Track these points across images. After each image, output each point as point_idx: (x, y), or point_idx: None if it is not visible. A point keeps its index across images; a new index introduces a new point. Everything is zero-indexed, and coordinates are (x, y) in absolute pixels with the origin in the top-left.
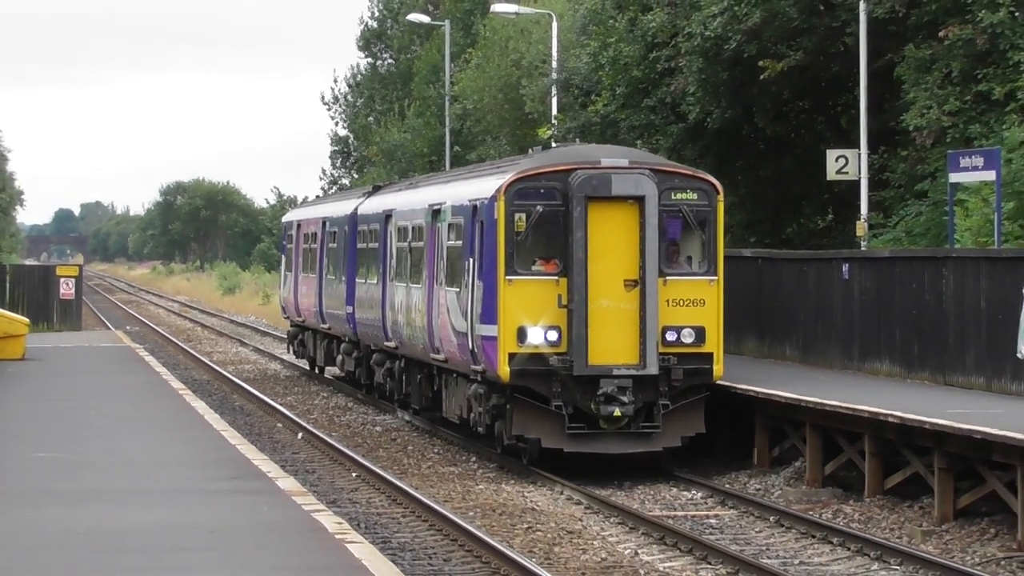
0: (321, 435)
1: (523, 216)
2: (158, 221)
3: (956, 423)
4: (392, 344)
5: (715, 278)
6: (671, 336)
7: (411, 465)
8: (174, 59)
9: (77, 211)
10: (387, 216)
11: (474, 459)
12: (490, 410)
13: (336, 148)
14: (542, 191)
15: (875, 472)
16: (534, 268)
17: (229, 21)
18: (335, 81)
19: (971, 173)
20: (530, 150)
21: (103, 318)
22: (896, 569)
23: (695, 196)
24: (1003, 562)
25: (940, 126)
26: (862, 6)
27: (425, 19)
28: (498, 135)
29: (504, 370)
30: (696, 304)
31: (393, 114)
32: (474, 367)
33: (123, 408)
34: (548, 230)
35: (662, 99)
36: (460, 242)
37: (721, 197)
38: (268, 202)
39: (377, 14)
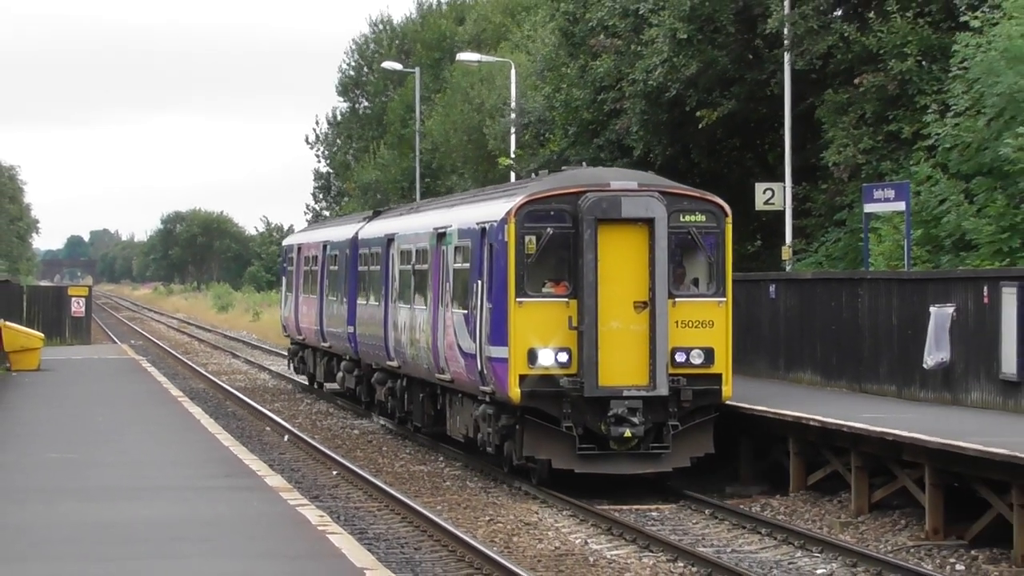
0: (305, 437)
1: (533, 238)
2: (159, 246)
3: (871, 426)
4: (395, 363)
5: (724, 299)
6: (680, 357)
7: (385, 464)
8: (174, 102)
9: (87, 237)
10: (389, 240)
11: (442, 459)
12: (499, 431)
13: (318, 184)
14: (552, 213)
15: (799, 470)
16: (544, 290)
17: (223, 69)
18: (316, 123)
19: (883, 204)
20: (533, 174)
21: (110, 333)
22: (817, 556)
23: (703, 218)
24: (912, 550)
25: (855, 162)
26: (786, 57)
27: (398, 66)
28: (463, 171)
29: (515, 391)
30: (705, 325)
31: (369, 153)
32: (483, 388)
33: (128, 414)
34: (558, 252)
35: (609, 138)
36: (467, 264)
37: (729, 219)
38: (257, 230)
39: (354, 63)
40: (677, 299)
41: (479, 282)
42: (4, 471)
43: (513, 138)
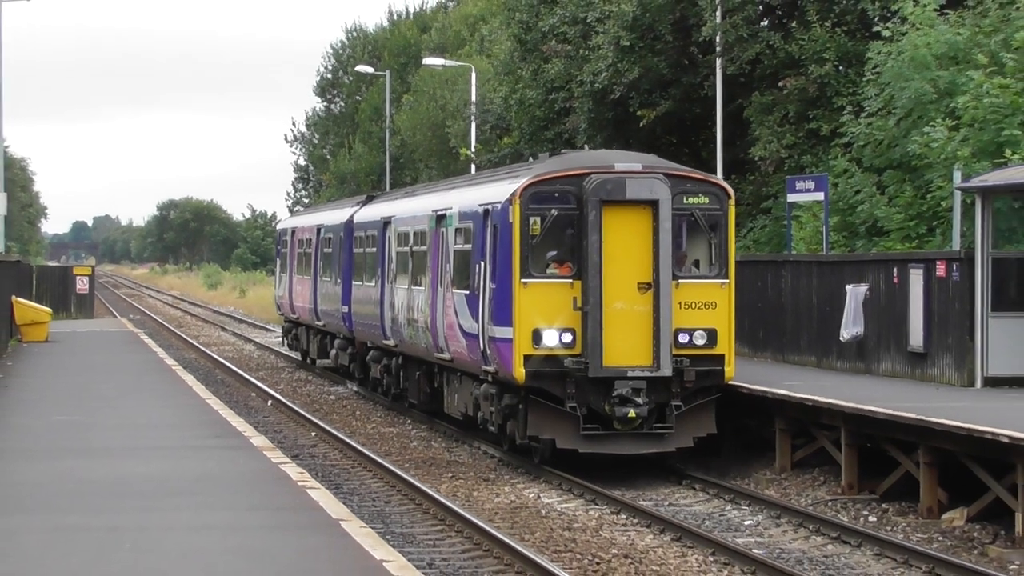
0: (286, 402)
1: (538, 220)
2: (155, 231)
3: (793, 393)
4: (391, 342)
5: (726, 281)
6: (683, 338)
7: (358, 427)
8: (169, 100)
9: (90, 223)
10: (385, 223)
11: (408, 422)
12: (502, 410)
13: (297, 175)
14: (556, 195)
15: (730, 433)
16: (548, 271)
17: (215, 71)
18: (293, 124)
19: (805, 194)
20: (531, 157)
21: (111, 308)
22: (745, 509)
23: (707, 200)
24: (829, 503)
25: (779, 157)
26: (718, 63)
27: (370, 70)
28: (428, 163)
29: (519, 372)
30: (708, 307)
31: (344, 148)
32: (485, 368)
33: (127, 381)
34: (562, 234)
35: (559, 134)
36: (469, 246)
37: (732, 201)
38: (244, 216)
39: (331, 66)
40: (680, 280)
41: (481, 263)
42: (16, 432)
43: (474, 133)
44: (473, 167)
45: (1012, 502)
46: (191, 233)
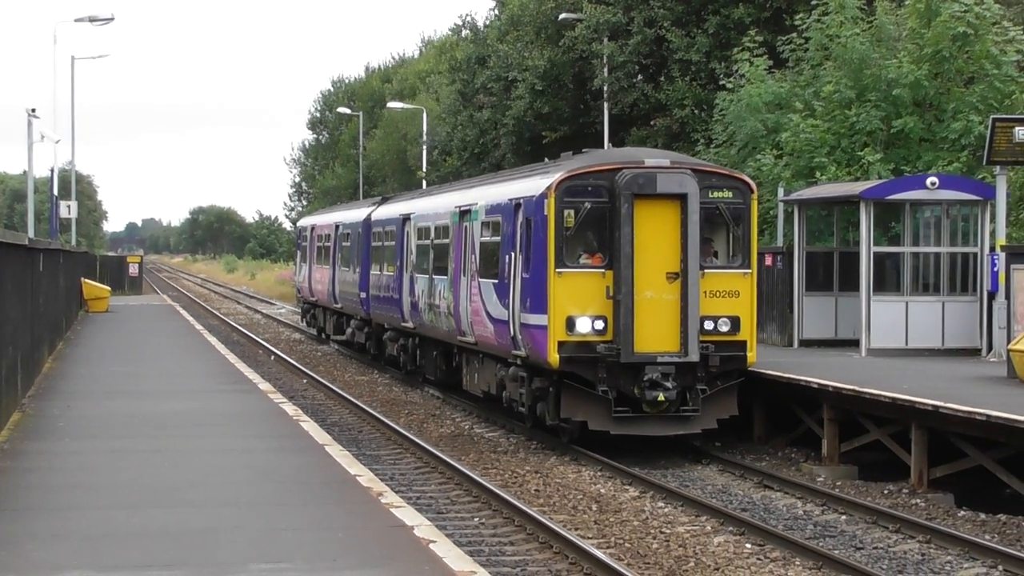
0: (285, 357)
1: (572, 212)
2: (188, 229)
3: None
4: (409, 325)
5: (749, 271)
6: (709, 325)
7: (339, 376)
8: (199, 129)
9: (140, 223)
10: (404, 219)
11: (376, 372)
12: (533, 392)
13: (293, 189)
14: (590, 189)
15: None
16: (581, 261)
17: (231, 110)
18: (291, 149)
19: None
20: (561, 154)
21: (155, 287)
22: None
23: (731, 194)
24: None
25: None
26: (605, 106)
27: (348, 111)
28: (392, 179)
29: (554, 357)
30: (732, 295)
31: (328, 169)
32: (515, 352)
33: (166, 341)
34: (594, 226)
35: (491, 161)
36: (497, 238)
37: (755, 195)
38: (254, 218)
39: (319, 107)
40: (706, 270)
41: (511, 254)
42: (84, 379)
43: (425, 158)
44: (424, 183)
45: (819, 431)
46: (215, 231)
